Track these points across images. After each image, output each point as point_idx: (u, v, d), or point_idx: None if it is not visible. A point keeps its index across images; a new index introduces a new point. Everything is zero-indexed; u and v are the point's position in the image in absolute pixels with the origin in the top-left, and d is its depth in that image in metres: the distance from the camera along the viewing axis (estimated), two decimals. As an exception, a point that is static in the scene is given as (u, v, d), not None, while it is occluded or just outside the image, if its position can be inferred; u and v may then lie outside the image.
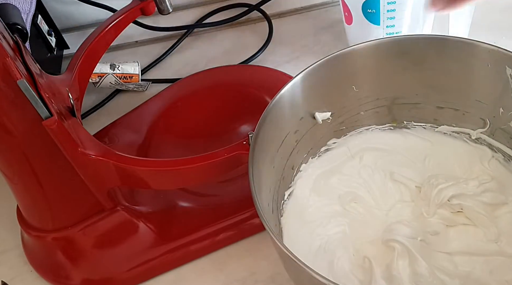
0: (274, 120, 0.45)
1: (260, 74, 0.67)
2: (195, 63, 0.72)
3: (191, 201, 0.55)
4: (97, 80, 0.67)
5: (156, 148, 0.60)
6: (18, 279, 0.54)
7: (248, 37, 0.75)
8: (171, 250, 0.52)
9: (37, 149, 0.43)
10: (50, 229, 0.50)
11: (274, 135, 0.46)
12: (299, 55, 0.71)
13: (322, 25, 0.74)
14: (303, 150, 0.51)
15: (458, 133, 0.53)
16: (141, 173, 0.45)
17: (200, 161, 0.44)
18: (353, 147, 0.54)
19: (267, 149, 0.45)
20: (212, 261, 0.53)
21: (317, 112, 0.50)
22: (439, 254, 0.46)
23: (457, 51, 0.47)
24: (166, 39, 0.76)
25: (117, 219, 0.50)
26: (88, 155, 0.43)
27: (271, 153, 0.46)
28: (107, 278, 0.52)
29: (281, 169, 0.49)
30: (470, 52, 0.47)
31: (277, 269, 0.51)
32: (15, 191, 0.48)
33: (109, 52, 0.60)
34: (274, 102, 0.45)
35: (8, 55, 0.37)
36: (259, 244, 0.54)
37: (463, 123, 0.52)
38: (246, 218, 0.54)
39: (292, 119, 0.48)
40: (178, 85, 0.68)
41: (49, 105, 0.39)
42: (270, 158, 0.46)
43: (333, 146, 0.54)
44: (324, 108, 0.50)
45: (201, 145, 0.53)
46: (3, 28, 0.42)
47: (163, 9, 0.56)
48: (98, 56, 0.55)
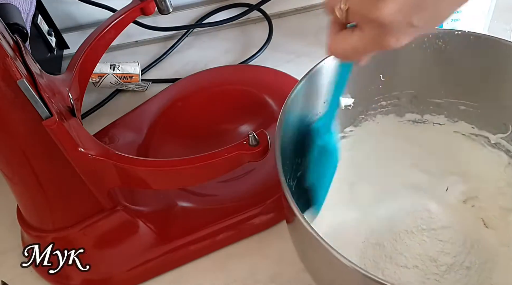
0: (301, 98, 0.45)
1: (260, 74, 0.67)
2: (195, 63, 0.72)
3: (191, 201, 0.55)
4: (97, 80, 0.67)
5: (156, 148, 0.60)
6: (18, 279, 0.54)
7: (248, 37, 0.75)
8: (171, 250, 0.52)
9: (37, 149, 0.42)
10: (50, 229, 0.50)
11: (296, 114, 0.45)
12: (299, 55, 0.71)
13: (322, 25, 0.73)
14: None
15: (476, 136, 0.52)
16: (141, 173, 0.45)
17: (200, 161, 0.44)
18: (369, 136, 0.53)
19: (291, 126, 0.44)
20: (212, 261, 0.53)
21: (341, 96, 0.49)
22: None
23: (493, 52, 0.46)
24: (166, 39, 0.76)
25: (117, 219, 0.50)
26: (88, 155, 0.43)
27: (292, 131, 0.46)
28: (107, 278, 0.52)
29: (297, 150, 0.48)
30: (507, 54, 0.46)
31: (277, 269, 0.51)
32: (15, 191, 0.48)
33: (109, 52, 0.60)
34: (304, 80, 0.44)
35: (8, 55, 0.37)
36: (259, 244, 0.54)
37: (484, 126, 0.51)
38: (246, 218, 0.54)
39: (316, 101, 0.48)
40: (178, 85, 0.68)
41: (49, 105, 0.39)
42: (291, 136, 0.45)
43: (349, 134, 0.53)
44: (347, 94, 0.50)
45: (201, 145, 0.53)
46: (3, 28, 0.42)
47: (163, 9, 0.56)
48: (98, 56, 0.55)
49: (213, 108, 0.64)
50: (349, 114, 0.52)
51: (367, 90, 0.51)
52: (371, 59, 0.39)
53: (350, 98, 0.50)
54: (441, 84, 0.50)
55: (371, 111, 0.53)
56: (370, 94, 0.51)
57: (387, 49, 0.33)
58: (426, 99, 0.52)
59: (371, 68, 0.48)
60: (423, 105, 0.52)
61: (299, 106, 0.45)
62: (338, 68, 0.42)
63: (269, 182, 0.56)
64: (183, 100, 0.65)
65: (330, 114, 0.45)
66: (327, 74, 0.46)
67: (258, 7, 0.75)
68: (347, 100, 0.50)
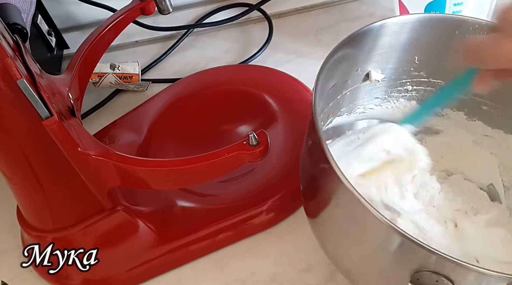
0: (339, 59, 0.44)
1: (260, 74, 0.67)
2: (195, 63, 0.72)
3: (191, 201, 0.55)
4: (97, 80, 0.67)
5: (156, 148, 0.60)
6: (18, 279, 0.54)
7: (248, 37, 0.75)
8: (171, 250, 0.52)
9: (37, 149, 0.42)
10: (50, 229, 0.50)
11: (332, 76, 0.45)
12: (300, 55, 0.71)
13: (323, 25, 0.74)
14: (344, 103, 0.51)
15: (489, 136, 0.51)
16: (141, 173, 0.45)
17: (200, 161, 0.44)
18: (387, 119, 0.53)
19: (325, 86, 0.44)
20: (212, 261, 0.53)
21: (373, 70, 0.49)
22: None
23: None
24: (166, 39, 0.76)
25: (117, 219, 0.50)
26: (88, 155, 0.43)
27: (325, 90, 0.45)
28: (107, 278, 0.52)
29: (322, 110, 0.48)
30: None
31: (277, 269, 0.51)
32: (15, 191, 0.48)
33: (109, 52, 0.60)
34: (348, 38, 0.44)
35: (8, 55, 0.37)
36: (259, 244, 0.54)
37: (500, 127, 0.50)
38: (246, 218, 0.54)
39: (351, 67, 0.47)
40: (178, 85, 0.68)
41: (49, 105, 0.39)
42: (321, 95, 0.44)
43: (368, 111, 0.53)
44: (379, 69, 0.49)
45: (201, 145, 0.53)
46: (3, 28, 0.42)
47: (163, 9, 0.56)
48: (98, 56, 0.55)
49: (213, 108, 0.64)
50: (374, 92, 0.51)
51: (398, 70, 0.50)
52: (412, 37, 0.37)
53: (381, 74, 0.49)
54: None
55: (395, 93, 0.52)
56: (400, 75, 0.50)
57: None
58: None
59: (409, 48, 0.48)
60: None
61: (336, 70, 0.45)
62: (460, 76, 0.40)
63: (269, 182, 0.56)
64: (183, 100, 0.65)
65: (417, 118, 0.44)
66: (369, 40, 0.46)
67: (258, 7, 0.75)
68: (377, 75, 0.49)
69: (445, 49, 0.48)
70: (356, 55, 0.46)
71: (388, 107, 0.53)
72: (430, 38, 0.47)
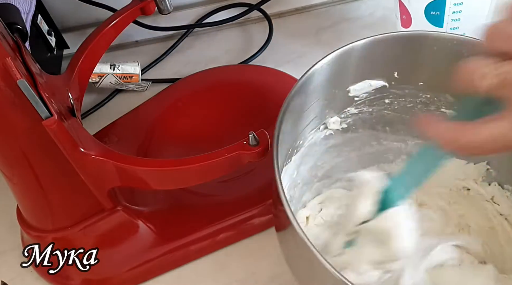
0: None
1: (260, 74, 0.67)
2: (195, 63, 0.72)
3: (191, 201, 0.55)
4: (97, 80, 0.67)
5: (156, 148, 0.60)
6: (18, 279, 0.54)
7: (248, 37, 0.75)
8: (171, 250, 0.52)
9: (37, 149, 0.42)
10: (50, 229, 0.50)
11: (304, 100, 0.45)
12: (300, 55, 0.71)
13: (323, 25, 0.74)
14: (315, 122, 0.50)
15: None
16: (141, 173, 0.45)
17: (200, 161, 0.44)
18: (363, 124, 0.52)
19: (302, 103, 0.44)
20: (212, 261, 0.53)
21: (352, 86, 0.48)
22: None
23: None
24: (166, 39, 0.76)
25: (117, 219, 0.50)
26: (88, 155, 0.43)
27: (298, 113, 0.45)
28: (107, 278, 0.52)
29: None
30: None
31: (277, 269, 0.51)
32: (15, 191, 0.48)
33: (109, 52, 0.60)
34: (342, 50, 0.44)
35: (8, 55, 0.37)
36: (259, 244, 0.54)
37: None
38: (246, 218, 0.54)
39: (326, 87, 0.47)
40: (178, 85, 0.68)
41: (49, 105, 0.39)
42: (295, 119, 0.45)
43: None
44: (379, 78, 0.48)
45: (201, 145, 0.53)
46: (3, 28, 0.42)
47: (163, 9, 0.56)
48: (98, 56, 0.55)
49: (213, 108, 0.64)
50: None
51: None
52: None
53: (384, 82, 0.48)
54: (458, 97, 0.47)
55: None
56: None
57: None
58: (440, 111, 0.49)
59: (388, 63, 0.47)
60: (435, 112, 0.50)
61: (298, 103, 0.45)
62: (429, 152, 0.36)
63: (269, 182, 0.55)
64: (183, 100, 0.65)
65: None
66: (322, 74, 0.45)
67: (258, 7, 0.75)
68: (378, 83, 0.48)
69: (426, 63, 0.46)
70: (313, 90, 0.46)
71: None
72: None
